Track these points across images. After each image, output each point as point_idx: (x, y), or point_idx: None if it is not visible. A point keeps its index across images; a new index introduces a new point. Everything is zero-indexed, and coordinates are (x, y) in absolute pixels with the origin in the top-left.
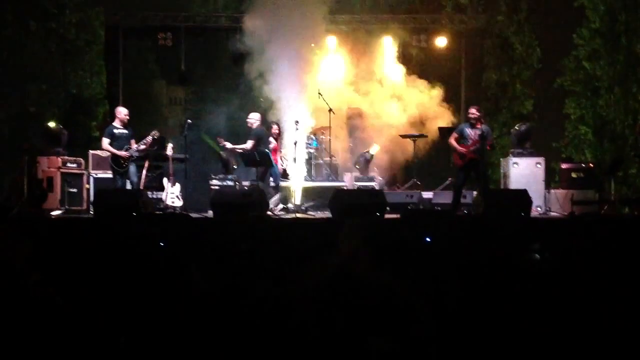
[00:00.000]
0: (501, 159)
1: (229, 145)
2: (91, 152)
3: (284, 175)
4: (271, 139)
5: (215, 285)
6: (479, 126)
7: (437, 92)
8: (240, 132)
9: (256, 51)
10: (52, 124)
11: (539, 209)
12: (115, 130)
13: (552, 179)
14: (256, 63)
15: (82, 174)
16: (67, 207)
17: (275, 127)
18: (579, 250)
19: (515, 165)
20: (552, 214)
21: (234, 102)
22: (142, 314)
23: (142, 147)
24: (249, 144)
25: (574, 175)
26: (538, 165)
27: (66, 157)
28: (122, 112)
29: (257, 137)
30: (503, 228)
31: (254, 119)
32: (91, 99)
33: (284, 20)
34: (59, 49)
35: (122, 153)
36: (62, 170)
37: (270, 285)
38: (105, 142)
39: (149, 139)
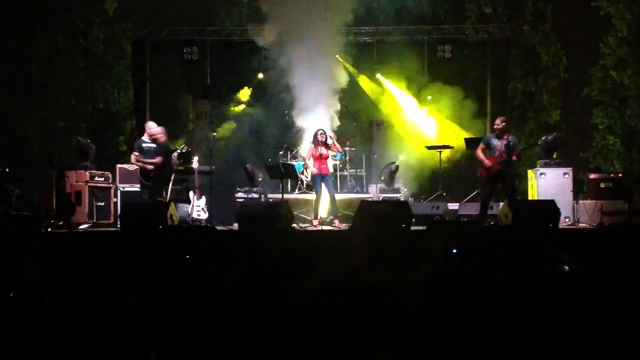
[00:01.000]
0: (528, 170)
1: (134, 159)
2: (118, 165)
3: (308, 187)
4: (319, 147)
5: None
6: (505, 137)
7: (463, 102)
8: (265, 144)
9: (280, 64)
10: (80, 139)
11: (567, 219)
12: (144, 145)
13: (580, 189)
14: (281, 76)
15: (109, 188)
16: (94, 220)
17: (322, 133)
18: (609, 261)
19: (542, 176)
20: (581, 224)
21: (259, 114)
22: (171, 324)
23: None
24: (158, 159)
25: (602, 185)
26: (566, 176)
27: (94, 171)
28: (151, 127)
29: (166, 151)
30: (531, 239)
31: (160, 132)
32: (118, 114)
33: (307, 31)
34: (87, 65)
35: (151, 167)
36: (89, 184)
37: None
38: (134, 155)
39: (176, 153)
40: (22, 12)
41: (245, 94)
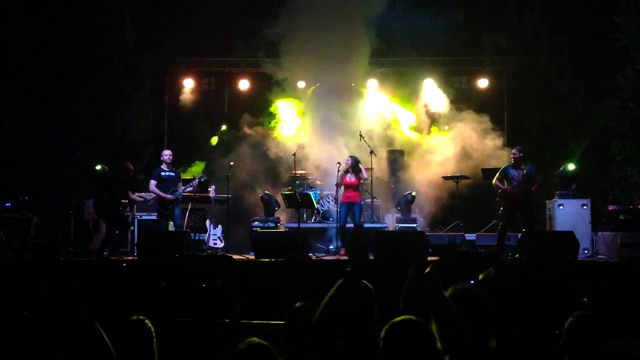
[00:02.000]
0: (546, 201)
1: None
2: (136, 194)
3: (325, 217)
4: (346, 175)
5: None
6: (522, 167)
7: (479, 133)
8: (278, 175)
9: (298, 94)
10: (99, 167)
11: (586, 251)
12: (162, 173)
13: (598, 220)
14: (298, 106)
15: (127, 216)
16: (111, 248)
17: (347, 160)
18: (629, 293)
19: (560, 207)
20: (600, 256)
21: (277, 144)
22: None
23: (189, 189)
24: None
25: (621, 217)
26: (584, 207)
27: None
28: (165, 153)
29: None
30: (549, 271)
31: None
32: (137, 143)
33: (324, 62)
34: (106, 95)
35: (168, 196)
36: None
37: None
38: (152, 184)
39: (195, 182)
40: (42, 42)
41: (261, 122)
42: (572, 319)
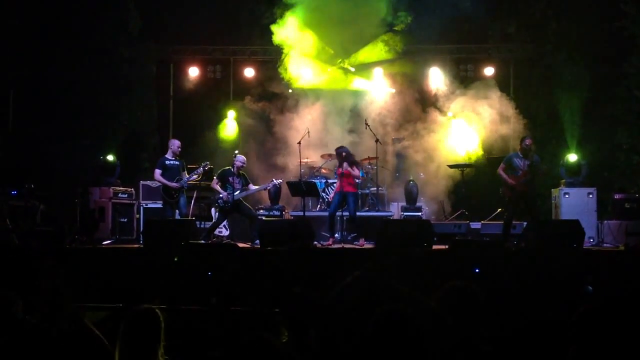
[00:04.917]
0: (552, 190)
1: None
2: (142, 182)
3: (330, 204)
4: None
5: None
6: (530, 157)
7: (486, 121)
8: (283, 164)
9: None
10: (110, 157)
11: (591, 240)
12: (167, 162)
13: (604, 209)
14: (304, 95)
15: (132, 204)
16: (117, 236)
17: (337, 150)
18: (635, 282)
19: (566, 195)
20: (606, 245)
21: (283, 133)
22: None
23: (194, 177)
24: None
25: (627, 205)
26: (590, 196)
27: (117, 188)
28: (175, 143)
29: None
30: (555, 260)
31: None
32: (142, 131)
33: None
34: (111, 84)
35: (174, 184)
36: (113, 200)
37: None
38: (157, 173)
39: (200, 170)
40: (47, 32)
41: (269, 109)
42: (582, 310)
